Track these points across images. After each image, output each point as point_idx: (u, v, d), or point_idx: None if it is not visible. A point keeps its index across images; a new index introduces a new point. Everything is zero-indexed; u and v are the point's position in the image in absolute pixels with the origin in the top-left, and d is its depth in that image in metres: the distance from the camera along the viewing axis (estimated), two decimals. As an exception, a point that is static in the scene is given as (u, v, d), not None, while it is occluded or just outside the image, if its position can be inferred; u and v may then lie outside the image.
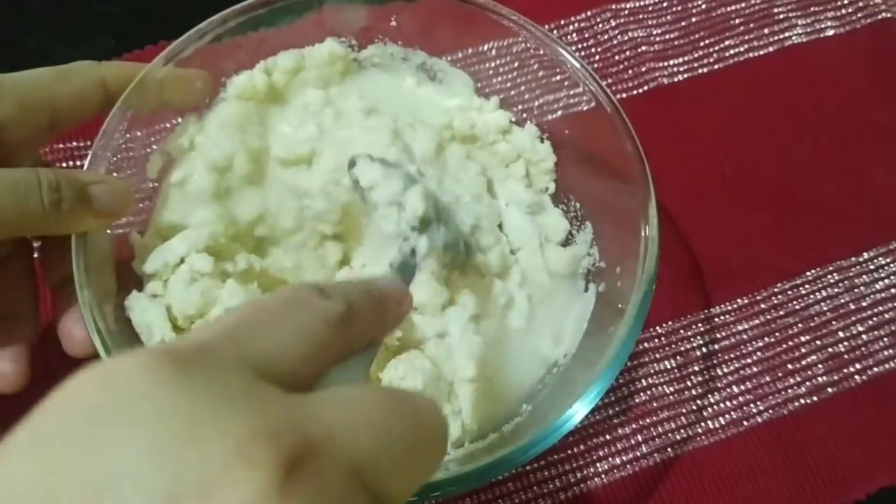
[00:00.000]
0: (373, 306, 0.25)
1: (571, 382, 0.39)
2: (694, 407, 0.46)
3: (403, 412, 0.20)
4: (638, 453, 0.45)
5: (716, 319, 0.49)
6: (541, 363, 0.43)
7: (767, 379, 0.47)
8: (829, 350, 0.49)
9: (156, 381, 0.17)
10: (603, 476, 0.44)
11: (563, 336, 0.44)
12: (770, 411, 0.46)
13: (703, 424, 0.46)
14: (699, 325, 0.49)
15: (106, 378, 0.17)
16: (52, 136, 0.38)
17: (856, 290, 0.51)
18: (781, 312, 0.50)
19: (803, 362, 0.48)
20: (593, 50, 0.58)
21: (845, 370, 0.48)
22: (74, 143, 0.51)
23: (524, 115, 0.49)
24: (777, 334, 0.49)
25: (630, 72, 0.57)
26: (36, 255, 0.41)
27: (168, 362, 0.17)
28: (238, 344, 0.20)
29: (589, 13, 0.59)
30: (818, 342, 0.49)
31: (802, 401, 0.47)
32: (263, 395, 0.18)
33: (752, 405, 0.47)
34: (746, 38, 0.59)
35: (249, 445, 0.16)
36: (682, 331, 0.49)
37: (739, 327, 0.49)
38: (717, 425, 0.46)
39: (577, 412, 0.36)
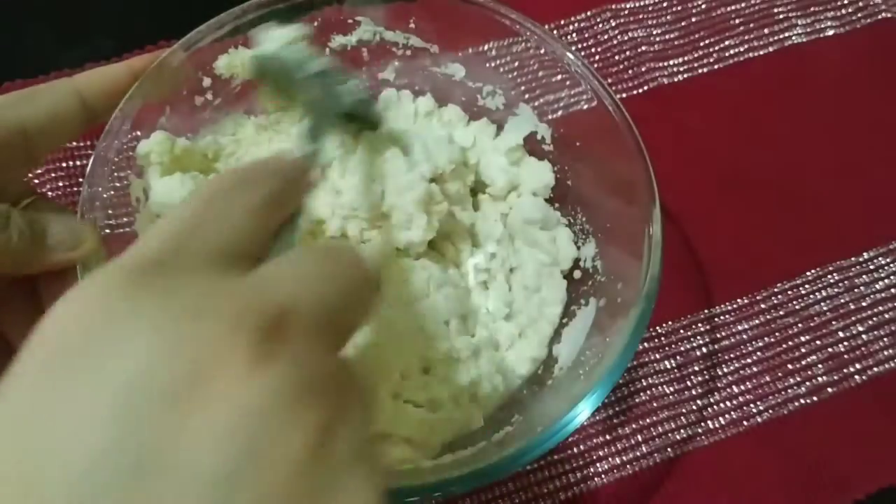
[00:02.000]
0: (290, 178, 0.27)
1: (569, 390, 0.39)
2: (694, 407, 0.46)
3: (333, 257, 0.23)
4: (638, 453, 0.45)
5: (716, 319, 0.49)
6: (531, 370, 0.44)
7: (767, 379, 0.47)
8: (829, 350, 0.49)
9: (124, 302, 0.18)
10: (603, 476, 0.44)
11: (562, 346, 0.44)
12: (770, 411, 0.47)
13: (703, 424, 0.46)
14: (699, 325, 0.49)
15: (77, 308, 0.18)
16: (34, 164, 0.36)
17: (856, 290, 0.51)
18: (781, 312, 0.50)
19: (803, 362, 0.48)
20: (593, 50, 0.58)
21: (845, 370, 0.48)
22: (74, 143, 0.51)
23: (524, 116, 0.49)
24: (777, 334, 0.49)
25: (630, 72, 0.57)
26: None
27: (134, 282, 0.19)
28: (191, 241, 0.21)
29: (589, 13, 0.59)
30: (818, 342, 0.49)
31: (802, 401, 0.47)
32: (230, 285, 0.20)
33: (752, 405, 0.47)
34: (746, 38, 0.59)
35: (234, 328, 0.18)
36: (682, 331, 0.49)
37: (740, 327, 0.49)
38: (717, 425, 0.46)
39: (575, 419, 0.36)
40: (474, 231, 0.47)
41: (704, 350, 0.48)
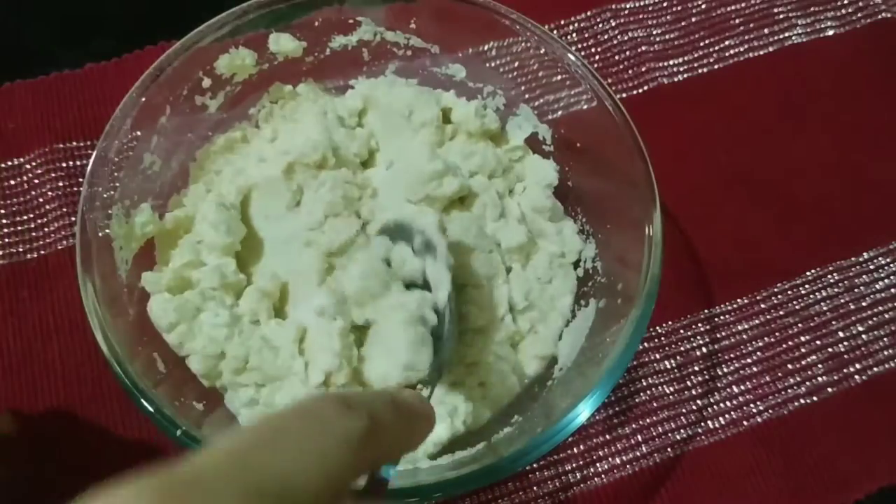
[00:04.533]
0: (401, 422, 0.23)
1: (569, 391, 0.39)
2: (694, 407, 0.46)
3: None
4: (638, 453, 0.45)
5: (716, 319, 0.49)
6: (539, 370, 0.44)
7: (767, 379, 0.47)
8: (829, 350, 0.49)
9: None
10: (603, 476, 0.44)
11: (563, 346, 0.44)
12: (770, 411, 0.47)
13: (703, 424, 0.46)
14: (699, 325, 0.49)
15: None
16: None
17: (856, 290, 0.51)
18: (781, 312, 0.50)
19: (803, 362, 0.48)
20: (593, 50, 0.58)
21: (845, 370, 0.48)
22: (74, 143, 0.51)
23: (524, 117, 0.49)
24: (777, 334, 0.49)
25: (630, 72, 0.57)
26: None
27: (163, 495, 0.17)
28: (246, 469, 0.19)
29: (589, 13, 0.59)
30: (818, 342, 0.49)
31: (802, 401, 0.47)
32: None
33: (752, 405, 0.47)
34: (746, 38, 0.59)
35: None
36: (682, 331, 0.49)
37: (740, 327, 0.49)
38: (717, 425, 0.46)
39: (575, 419, 0.36)
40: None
41: (704, 350, 0.48)
